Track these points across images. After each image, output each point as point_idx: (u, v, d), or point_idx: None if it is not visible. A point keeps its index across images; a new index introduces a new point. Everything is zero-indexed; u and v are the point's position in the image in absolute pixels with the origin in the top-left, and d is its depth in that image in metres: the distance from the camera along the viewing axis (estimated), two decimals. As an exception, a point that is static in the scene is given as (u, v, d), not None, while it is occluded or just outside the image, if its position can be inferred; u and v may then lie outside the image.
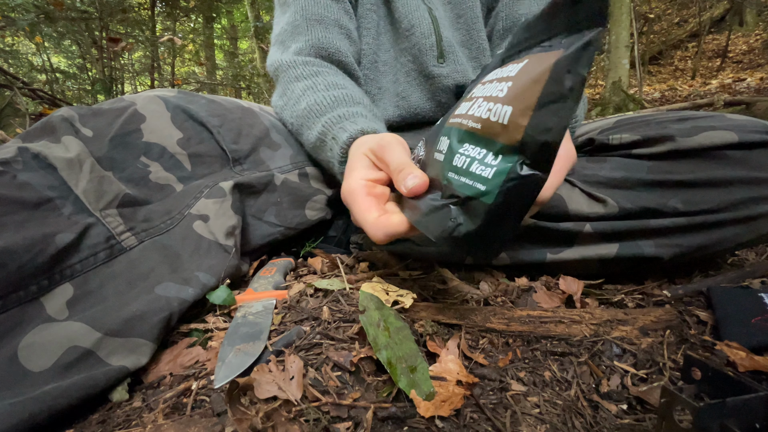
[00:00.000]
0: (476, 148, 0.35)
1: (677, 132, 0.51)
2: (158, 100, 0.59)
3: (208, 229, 0.52)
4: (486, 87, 0.37)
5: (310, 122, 0.60)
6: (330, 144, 0.56)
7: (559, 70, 0.28)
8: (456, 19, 0.76)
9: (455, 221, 0.34)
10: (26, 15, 3.09)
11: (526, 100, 0.30)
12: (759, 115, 3.06)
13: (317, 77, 0.64)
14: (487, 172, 0.32)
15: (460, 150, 0.36)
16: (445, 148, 0.39)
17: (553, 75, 0.28)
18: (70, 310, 0.39)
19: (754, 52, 6.89)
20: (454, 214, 0.34)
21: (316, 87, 0.62)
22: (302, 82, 0.64)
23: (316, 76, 0.64)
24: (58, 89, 4.01)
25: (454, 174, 0.36)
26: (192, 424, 0.32)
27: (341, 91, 0.61)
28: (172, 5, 4.65)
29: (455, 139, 0.38)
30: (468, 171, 0.34)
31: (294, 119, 0.64)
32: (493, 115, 0.33)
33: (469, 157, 0.35)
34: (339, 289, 0.53)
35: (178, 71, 6.81)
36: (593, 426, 0.32)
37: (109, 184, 0.49)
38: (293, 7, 0.70)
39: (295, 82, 0.65)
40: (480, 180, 0.33)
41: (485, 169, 0.33)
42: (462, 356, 0.41)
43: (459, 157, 0.36)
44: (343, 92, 0.61)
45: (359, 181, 0.44)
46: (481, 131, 0.34)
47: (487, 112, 0.34)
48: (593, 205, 0.53)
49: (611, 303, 0.52)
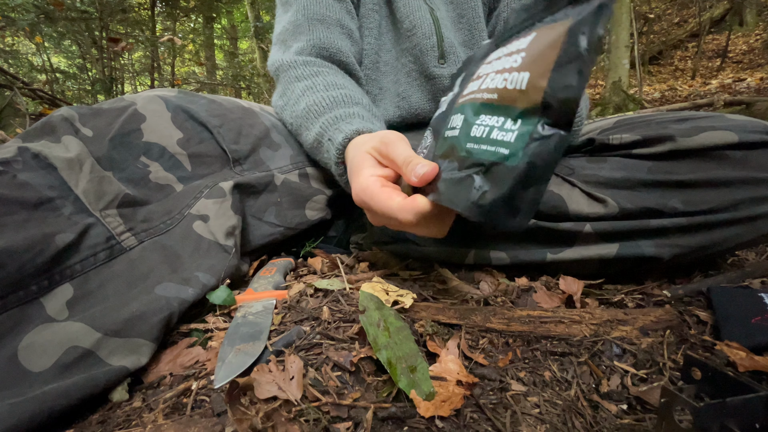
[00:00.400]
0: (494, 117, 0.34)
1: (677, 132, 0.51)
2: (158, 100, 0.59)
3: (208, 229, 0.53)
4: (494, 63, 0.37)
5: (308, 123, 0.60)
6: (326, 145, 0.56)
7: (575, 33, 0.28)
8: (458, 20, 0.76)
9: (480, 189, 0.33)
10: (26, 15, 3.09)
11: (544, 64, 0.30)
12: (759, 115, 3.06)
13: (317, 77, 0.64)
14: (509, 136, 0.32)
15: (477, 121, 0.36)
16: (459, 123, 0.39)
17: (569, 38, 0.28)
18: (70, 311, 0.39)
19: (754, 52, 6.89)
20: (479, 182, 0.34)
21: (316, 87, 0.62)
22: (302, 83, 0.64)
23: (316, 77, 0.64)
24: (58, 89, 4.01)
25: (474, 144, 0.35)
26: (192, 424, 0.32)
27: (340, 91, 0.61)
28: (172, 5, 4.65)
29: (470, 113, 0.37)
30: (489, 138, 0.34)
31: (293, 119, 0.64)
32: (509, 83, 0.33)
33: (487, 126, 0.34)
34: (339, 289, 0.53)
35: (178, 71, 6.81)
36: (593, 426, 0.32)
37: (109, 184, 0.49)
38: (295, 6, 0.70)
39: (295, 82, 0.65)
40: (502, 145, 0.32)
41: (506, 134, 0.32)
42: (462, 356, 0.41)
43: (477, 128, 0.35)
44: (342, 92, 0.61)
45: (370, 177, 0.44)
46: (498, 100, 0.34)
47: (503, 82, 0.34)
48: (593, 205, 0.53)
49: (611, 303, 0.52)
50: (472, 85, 0.39)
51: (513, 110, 0.32)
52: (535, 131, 0.30)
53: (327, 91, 0.61)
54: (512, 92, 0.32)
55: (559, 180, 0.56)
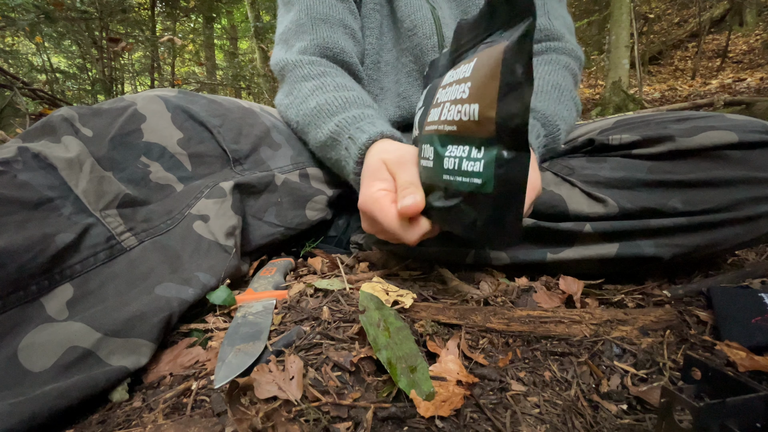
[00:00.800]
0: (460, 147, 0.37)
1: (677, 132, 0.51)
2: (158, 100, 0.58)
3: (208, 229, 0.52)
4: (447, 91, 0.41)
5: (319, 121, 0.60)
6: (346, 143, 0.56)
7: (509, 62, 0.31)
8: (461, 17, 0.75)
9: (469, 215, 0.37)
10: (26, 15, 3.09)
11: (489, 95, 0.33)
12: (759, 115, 3.06)
13: (325, 77, 0.64)
14: (477, 166, 0.35)
15: (446, 153, 0.39)
16: (431, 155, 0.42)
17: (505, 68, 0.32)
18: (70, 311, 0.39)
19: (754, 52, 6.89)
20: (466, 210, 0.37)
21: (325, 87, 0.63)
22: (310, 82, 0.64)
23: (324, 77, 0.64)
24: (58, 89, 4.01)
25: (449, 176, 0.39)
26: (192, 424, 0.32)
27: (351, 92, 0.62)
28: (172, 5, 4.65)
29: (438, 145, 0.41)
30: (461, 170, 0.37)
31: (300, 118, 0.64)
32: (464, 115, 0.36)
33: (456, 157, 0.38)
34: (339, 289, 0.53)
35: (178, 71, 6.81)
36: (593, 426, 0.32)
37: (109, 184, 0.49)
38: (298, 6, 0.70)
39: (302, 81, 0.65)
40: (474, 175, 0.35)
41: (474, 163, 0.35)
42: (462, 356, 0.41)
43: (448, 160, 0.39)
44: (353, 94, 0.61)
45: (382, 191, 0.47)
46: (458, 132, 0.37)
47: (457, 114, 0.37)
48: (593, 205, 0.53)
49: (611, 303, 0.52)
50: (434, 113, 0.43)
51: (474, 140, 0.36)
52: (498, 157, 0.34)
53: (338, 92, 0.61)
54: (468, 123, 0.36)
55: (559, 180, 0.56)
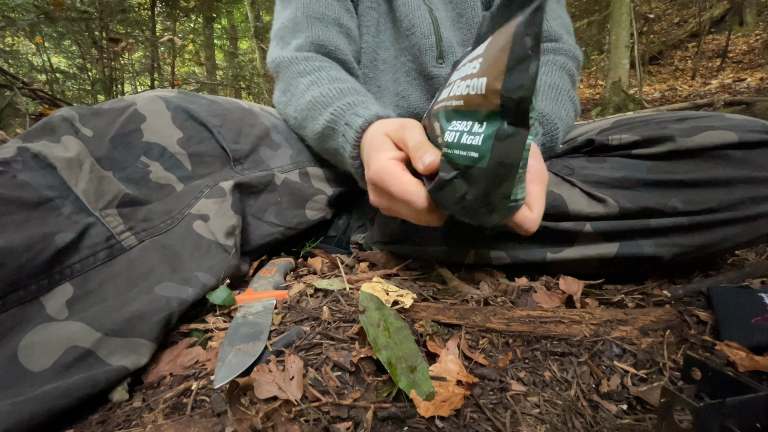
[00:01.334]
0: (463, 122, 0.38)
1: (677, 132, 0.51)
2: (159, 100, 0.59)
3: (208, 229, 0.53)
4: (460, 70, 0.40)
5: (315, 113, 0.60)
6: (342, 130, 0.56)
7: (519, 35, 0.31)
8: (457, 19, 0.76)
9: (461, 191, 0.38)
10: (26, 15, 3.09)
11: (498, 67, 0.33)
12: (759, 115, 3.06)
13: (321, 72, 0.64)
14: (476, 139, 0.35)
15: (449, 127, 0.39)
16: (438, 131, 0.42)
17: (516, 40, 0.31)
18: (69, 310, 0.39)
19: (754, 52, 6.88)
20: (458, 185, 0.38)
21: (320, 81, 0.63)
22: (306, 77, 0.64)
23: (320, 71, 0.64)
24: (58, 89, 4.01)
25: (449, 149, 0.39)
26: (192, 424, 0.32)
27: (345, 84, 0.62)
28: (172, 5, 4.65)
29: (444, 120, 0.41)
30: (460, 143, 0.37)
31: (297, 113, 0.64)
32: (471, 89, 0.36)
33: (458, 132, 0.38)
34: (339, 289, 0.53)
35: (178, 71, 6.81)
36: (593, 426, 0.32)
37: (109, 183, 0.49)
38: (294, 4, 0.71)
39: (298, 77, 0.65)
40: (472, 149, 0.36)
41: (474, 137, 0.36)
42: (462, 356, 0.41)
43: (449, 133, 0.39)
44: (348, 85, 0.61)
45: (390, 160, 0.45)
46: (465, 106, 0.37)
47: (465, 89, 0.37)
48: (593, 205, 0.53)
49: (611, 303, 0.52)
50: (445, 92, 0.43)
51: (478, 114, 0.36)
52: (498, 131, 0.34)
53: (332, 84, 0.61)
54: (474, 97, 0.36)
55: (559, 180, 0.56)
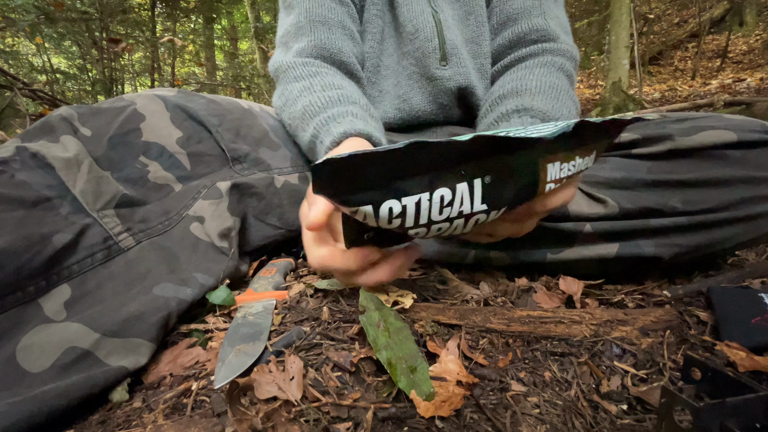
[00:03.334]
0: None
1: (676, 131, 0.51)
2: (158, 100, 0.58)
3: (204, 231, 0.52)
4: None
5: (304, 123, 0.60)
6: (318, 147, 0.55)
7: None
8: (465, 17, 0.75)
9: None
10: (26, 16, 3.09)
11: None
12: (759, 115, 3.06)
13: (315, 78, 0.64)
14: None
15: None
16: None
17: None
18: (67, 311, 0.39)
19: (754, 53, 6.89)
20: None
21: (313, 88, 0.62)
22: (300, 83, 0.64)
23: (314, 77, 0.64)
24: (59, 90, 4.02)
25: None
26: (192, 425, 0.31)
27: (337, 91, 0.60)
28: (172, 6, 4.65)
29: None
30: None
31: (291, 120, 0.64)
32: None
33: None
34: (339, 290, 0.53)
35: (179, 72, 6.81)
36: (593, 426, 0.32)
37: (107, 184, 0.49)
38: (297, 9, 0.70)
39: (293, 82, 0.65)
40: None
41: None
42: (462, 356, 0.40)
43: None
44: (339, 92, 0.60)
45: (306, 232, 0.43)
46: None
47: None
48: (593, 206, 0.53)
49: (611, 303, 0.52)
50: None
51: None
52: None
53: (324, 92, 0.60)
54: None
55: (558, 180, 0.56)
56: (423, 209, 0.31)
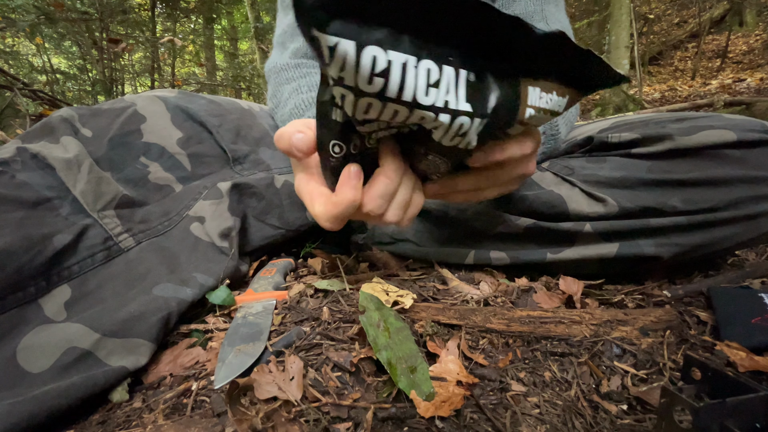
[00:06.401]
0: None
1: (676, 131, 0.51)
2: (158, 101, 0.59)
3: (205, 231, 0.52)
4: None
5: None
6: None
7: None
8: None
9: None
10: (27, 16, 3.10)
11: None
12: (759, 115, 3.06)
13: (304, 78, 0.64)
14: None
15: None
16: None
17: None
18: (68, 312, 0.39)
19: (754, 53, 6.89)
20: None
21: (300, 89, 0.62)
22: (290, 85, 0.64)
23: (304, 78, 0.64)
24: (59, 90, 4.02)
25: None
26: (192, 425, 0.31)
27: None
28: (172, 6, 4.66)
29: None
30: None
31: (281, 123, 0.64)
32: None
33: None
34: (339, 290, 0.53)
35: (179, 72, 6.82)
36: (593, 426, 0.32)
37: (108, 185, 0.49)
38: None
39: (285, 84, 0.65)
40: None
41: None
42: (462, 356, 0.40)
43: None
44: None
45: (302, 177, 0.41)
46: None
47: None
48: (593, 205, 0.53)
49: (611, 303, 0.52)
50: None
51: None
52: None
53: (311, 92, 0.60)
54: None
55: (558, 180, 0.56)
56: (409, 78, 0.27)
